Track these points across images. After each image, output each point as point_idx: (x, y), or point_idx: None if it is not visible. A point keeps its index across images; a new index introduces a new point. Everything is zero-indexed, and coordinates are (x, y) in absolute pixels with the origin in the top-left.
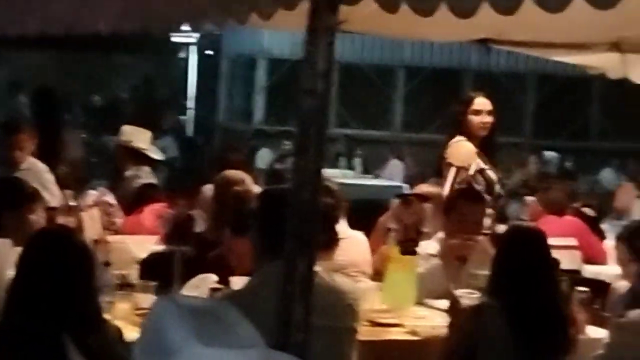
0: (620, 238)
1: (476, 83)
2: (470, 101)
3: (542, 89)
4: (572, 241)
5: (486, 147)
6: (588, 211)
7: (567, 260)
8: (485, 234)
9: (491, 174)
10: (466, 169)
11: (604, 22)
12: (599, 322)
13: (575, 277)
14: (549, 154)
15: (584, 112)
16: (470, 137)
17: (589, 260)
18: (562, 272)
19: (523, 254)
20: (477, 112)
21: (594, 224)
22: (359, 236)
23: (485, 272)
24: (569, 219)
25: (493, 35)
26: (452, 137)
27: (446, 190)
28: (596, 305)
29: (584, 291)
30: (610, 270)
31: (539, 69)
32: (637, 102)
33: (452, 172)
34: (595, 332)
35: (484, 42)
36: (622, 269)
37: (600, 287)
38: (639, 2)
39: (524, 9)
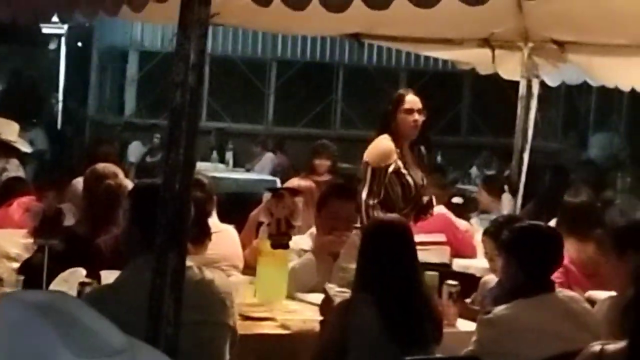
0: (486, 233)
1: (348, 78)
2: (400, 100)
3: (414, 84)
4: (441, 237)
5: (413, 147)
6: (456, 199)
7: (436, 255)
8: (356, 228)
9: (410, 179)
10: (384, 169)
11: (475, 19)
12: (469, 316)
13: (444, 270)
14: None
15: (454, 107)
16: (401, 137)
17: (458, 254)
18: (432, 265)
19: (386, 246)
20: (409, 111)
21: (461, 212)
22: (230, 230)
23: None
24: (436, 214)
25: (365, 30)
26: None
27: (364, 192)
28: (466, 298)
29: (453, 285)
30: (479, 264)
31: (410, 64)
32: (506, 97)
33: (368, 172)
34: (465, 326)
35: (356, 37)
36: (489, 263)
37: (469, 281)
38: None
39: (395, 4)
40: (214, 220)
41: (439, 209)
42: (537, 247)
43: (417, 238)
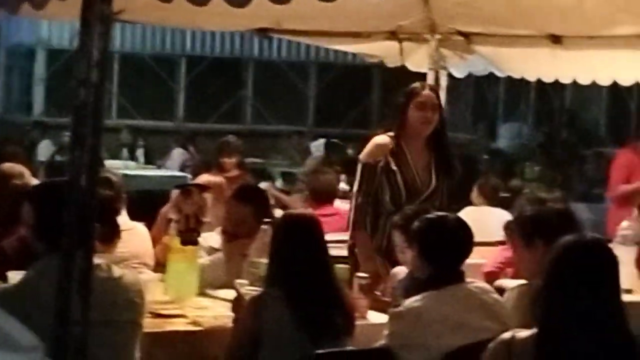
0: (395, 225)
1: (258, 73)
2: (413, 93)
3: (324, 77)
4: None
5: (431, 148)
6: None
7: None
8: (266, 223)
9: (399, 180)
10: (373, 166)
11: (381, 11)
12: (380, 308)
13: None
14: (316, 143)
15: (364, 100)
16: (409, 134)
17: None
18: (344, 258)
19: (296, 241)
20: (421, 106)
21: None
22: (140, 227)
23: (265, 260)
24: (345, 210)
25: (272, 24)
26: (387, 132)
27: (355, 187)
28: (377, 290)
29: (364, 277)
30: None
31: (320, 58)
32: None
33: (358, 168)
34: (377, 318)
35: (264, 32)
36: (399, 255)
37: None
38: None
39: None
40: (123, 218)
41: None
42: (446, 238)
43: (329, 237)
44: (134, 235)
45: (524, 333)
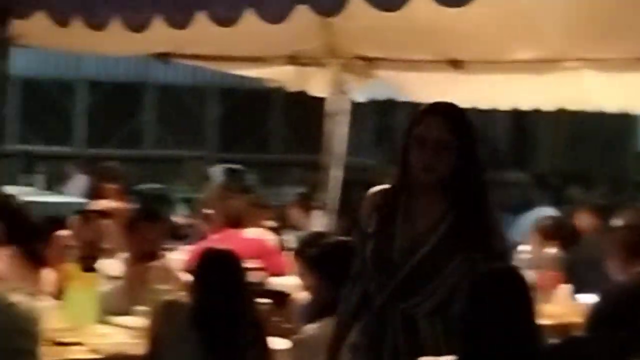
0: (293, 251)
1: (158, 97)
2: (414, 121)
3: (225, 102)
4: (257, 263)
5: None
6: (269, 223)
7: (252, 276)
8: (164, 250)
9: (372, 248)
10: (355, 230)
11: (281, 36)
12: (281, 333)
13: (257, 289)
14: (214, 169)
15: (265, 125)
16: (414, 182)
17: (274, 275)
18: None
19: (216, 275)
20: (419, 141)
21: (275, 236)
22: None
23: (166, 287)
24: (251, 238)
25: (172, 49)
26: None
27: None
28: (278, 316)
29: (266, 303)
30: (292, 281)
31: (220, 82)
32: (317, 113)
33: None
34: (278, 344)
35: (163, 56)
36: (302, 281)
37: (282, 298)
38: (312, 16)
39: (198, 23)
40: None
41: (255, 234)
42: (345, 262)
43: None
44: None
45: None
